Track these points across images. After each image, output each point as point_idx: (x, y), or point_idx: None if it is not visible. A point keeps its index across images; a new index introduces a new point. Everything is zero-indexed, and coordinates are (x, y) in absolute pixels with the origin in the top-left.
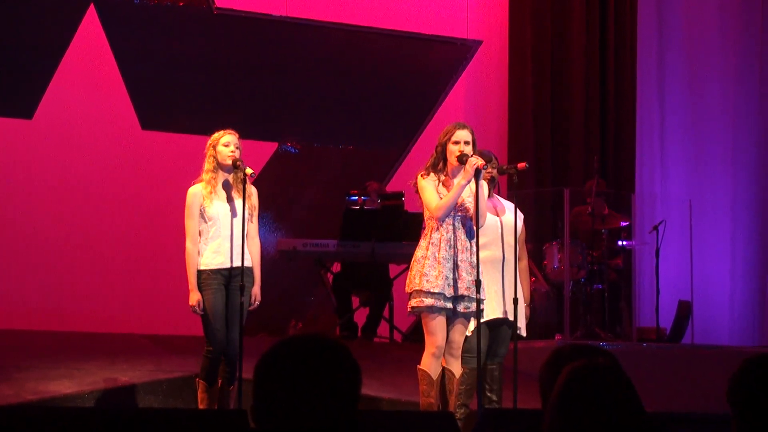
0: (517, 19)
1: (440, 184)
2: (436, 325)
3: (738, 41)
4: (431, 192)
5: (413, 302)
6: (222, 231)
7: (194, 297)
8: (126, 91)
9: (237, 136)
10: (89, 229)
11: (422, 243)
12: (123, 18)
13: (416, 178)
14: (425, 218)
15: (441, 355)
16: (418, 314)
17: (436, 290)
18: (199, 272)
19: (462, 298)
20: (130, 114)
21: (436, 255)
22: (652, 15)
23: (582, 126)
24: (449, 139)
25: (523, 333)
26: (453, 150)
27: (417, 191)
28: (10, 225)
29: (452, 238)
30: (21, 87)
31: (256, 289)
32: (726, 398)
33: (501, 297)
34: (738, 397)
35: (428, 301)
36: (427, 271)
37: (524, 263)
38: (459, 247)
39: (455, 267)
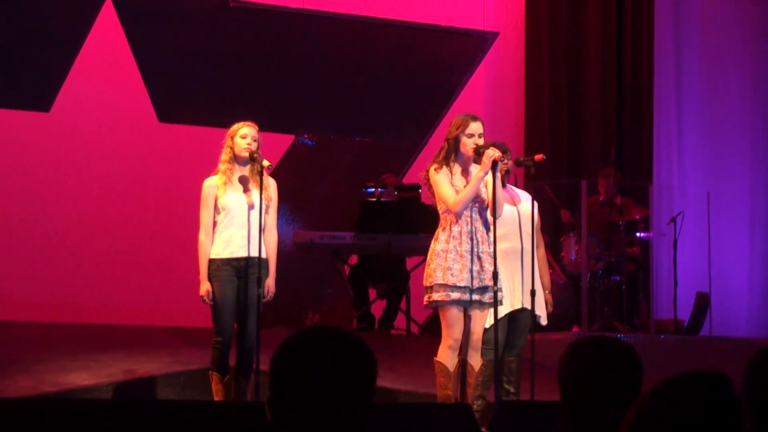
0: (534, 10)
1: (453, 176)
2: (455, 318)
3: (756, 31)
4: (446, 186)
5: (437, 296)
6: (235, 221)
7: (204, 287)
8: (143, 84)
9: (256, 128)
10: (107, 221)
11: (441, 236)
12: (140, 10)
13: (427, 171)
14: (440, 212)
15: (458, 347)
16: (436, 307)
17: (462, 284)
18: (210, 261)
19: (486, 288)
20: (147, 107)
21: (458, 248)
22: (669, 5)
23: (599, 117)
24: (463, 131)
25: (543, 322)
26: (468, 143)
27: (428, 183)
28: (28, 218)
29: (472, 230)
30: (38, 80)
31: (270, 281)
32: (740, 390)
33: (521, 287)
34: (752, 388)
35: (455, 295)
36: (451, 264)
37: (541, 251)
38: (479, 239)
39: (477, 258)
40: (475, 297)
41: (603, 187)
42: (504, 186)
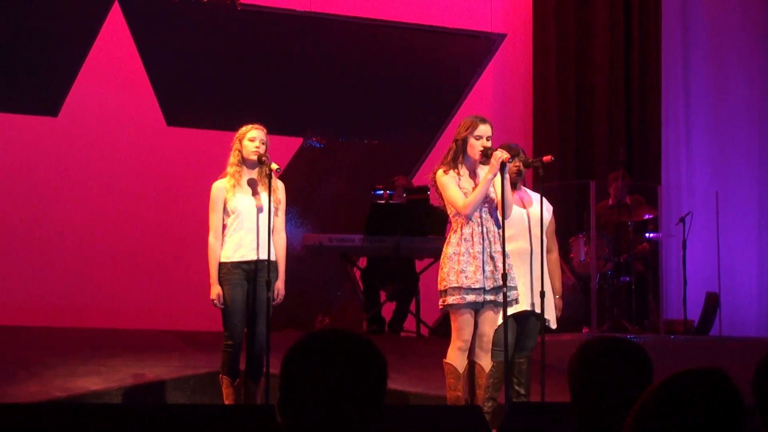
0: (541, 12)
1: (460, 178)
2: (466, 321)
3: (763, 32)
4: (454, 189)
5: (451, 299)
6: (245, 224)
7: (215, 290)
8: (151, 88)
9: (264, 131)
10: (115, 225)
11: (452, 239)
12: (147, 14)
13: (434, 173)
14: (451, 215)
15: (467, 349)
16: (447, 309)
17: (476, 285)
18: (221, 265)
19: (500, 288)
20: (155, 110)
21: (471, 250)
22: (677, 7)
23: (607, 118)
24: (471, 132)
25: (553, 325)
26: (475, 145)
27: (435, 185)
28: (37, 222)
29: (484, 230)
30: (46, 84)
31: (280, 284)
32: (750, 389)
33: (529, 289)
34: (762, 387)
35: (469, 297)
36: (464, 267)
37: (555, 255)
38: (491, 239)
39: (491, 258)
40: (490, 297)
41: (613, 189)
42: (517, 188)
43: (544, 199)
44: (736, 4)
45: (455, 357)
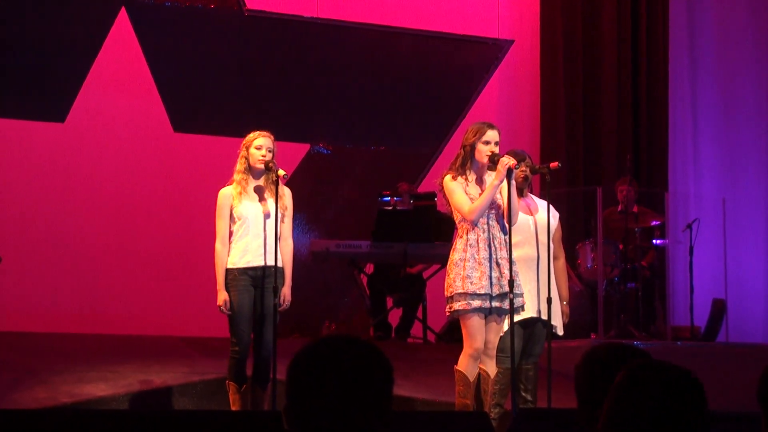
0: (549, 18)
1: (468, 185)
2: (477, 327)
3: None
4: (461, 195)
5: (458, 305)
6: (251, 230)
7: (221, 297)
8: (158, 94)
9: (272, 138)
10: (122, 231)
11: (458, 245)
12: (154, 21)
13: (442, 179)
14: (457, 221)
15: (479, 356)
16: (457, 316)
17: (482, 291)
18: (227, 271)
19: (506, 294)
20: (162, 117)
21: (476, 256)
22: (684, 12)
23: (614, 125)
24: (479, 138)
25: (560, 332)
26: (483, 150)
27: (442, 190)
28: (44, 228)
29: (490, 236)
30: (53, 91)
31: (286, 290)
32: (756, 396)
33: (535, 296)
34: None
35: (475, 303)
36: (470, 273)
37: (561, 262)
38: (497, 245)
39: (497, 265)
40: (496, 304)
41: (621, 196)
42: (523, 194)
43: (550, 206)
44: (744, 11)
45: (466, 365)
